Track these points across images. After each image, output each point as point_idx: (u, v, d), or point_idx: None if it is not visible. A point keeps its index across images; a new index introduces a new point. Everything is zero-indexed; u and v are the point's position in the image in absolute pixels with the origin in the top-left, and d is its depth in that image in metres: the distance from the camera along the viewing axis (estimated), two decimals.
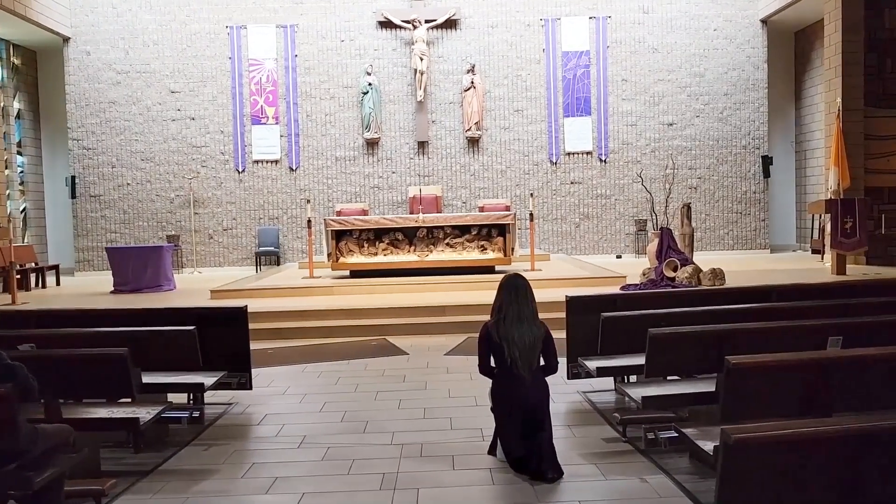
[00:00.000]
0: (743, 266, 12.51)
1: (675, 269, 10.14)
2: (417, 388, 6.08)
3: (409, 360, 7.27)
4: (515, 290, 4.17)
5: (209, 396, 5.69)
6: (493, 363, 4.20)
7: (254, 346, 8.07)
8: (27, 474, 2.79)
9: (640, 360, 4.61)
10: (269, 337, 8.64)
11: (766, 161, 15.51)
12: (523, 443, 4.03)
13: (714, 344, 3.95)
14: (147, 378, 4.83)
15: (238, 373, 5.40)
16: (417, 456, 4.36)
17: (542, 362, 4.20)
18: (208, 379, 4.85)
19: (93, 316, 5.51)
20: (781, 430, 1.97)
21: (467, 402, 5.54)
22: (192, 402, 5.30)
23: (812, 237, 14.95)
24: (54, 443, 3.07)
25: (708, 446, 2.99)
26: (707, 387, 3.95)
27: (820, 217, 13.59)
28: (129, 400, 4.46)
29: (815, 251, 14.37)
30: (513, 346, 4.08)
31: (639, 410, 4.28)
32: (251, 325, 8.79)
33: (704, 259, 12.30)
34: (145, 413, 3.91)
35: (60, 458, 3.09)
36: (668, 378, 4.52)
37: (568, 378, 5.58)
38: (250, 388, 5.51)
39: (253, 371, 6.82)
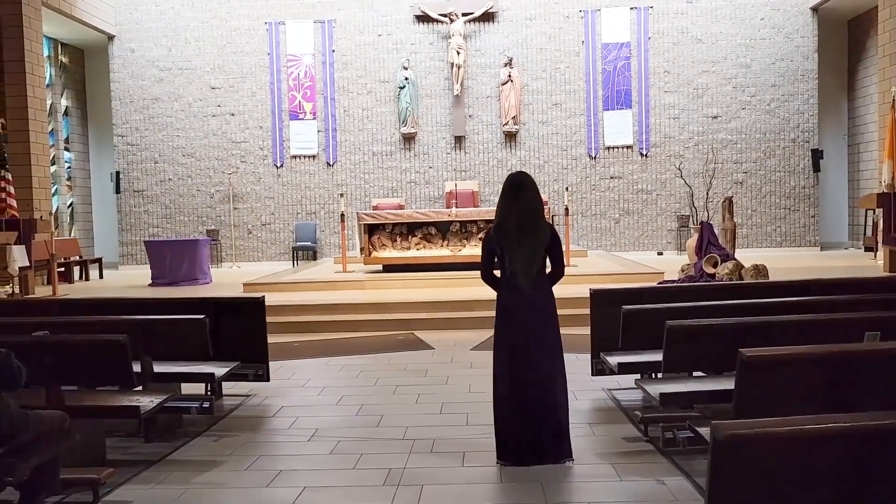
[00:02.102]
0: (790, 263, 12.03)
1: (715, 265, 9.77)
2: (438, 382, 5.95)
3: (433, 354, 7.13)
4: (515, 192, 3.86)
5: (228, 388, 5.66)
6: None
7: (281, 338, 8.12)
8: (10, 460, 2.75)
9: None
10: (298, 330, 8.64)
11: (816, 155, 14.92)
12: (522, 377, 3.83)
13: (740, 338, 3.71)
14: (161, 367, 4.82)
15: (255, 364, 5.34)
16: (428, 452, 4.22)
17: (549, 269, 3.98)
18: (220, 369, 4.79)
19: (111, 305, 5.51)
20: (780, 427, 1.77)
21: (487, 398, 5.32)
22: (209, 392, 5.26)
23: (865, 234, 14.32)
24: (46, 430, 3.03)
25: None
26: (731, 384, 3.70)
27: (873, 212, 12.99)
28: (139, 388, 4.44)
29: (867, 248, 13.76)
30: (514, 258, 3.84)
31: (661, 408, 4.05)
32: (280, 319, 8.92)
33: (750, 256, 11.87)
34: (148, 402, 3.86)
35: (52, 445, 3.04)
36: (694, 375, 4.28)
37: (592, 374, 5.38)
38: (267, 379, 5.45)
39: (276, 363, 6.81)
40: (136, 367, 4.49)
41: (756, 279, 9.57)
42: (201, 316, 4.58)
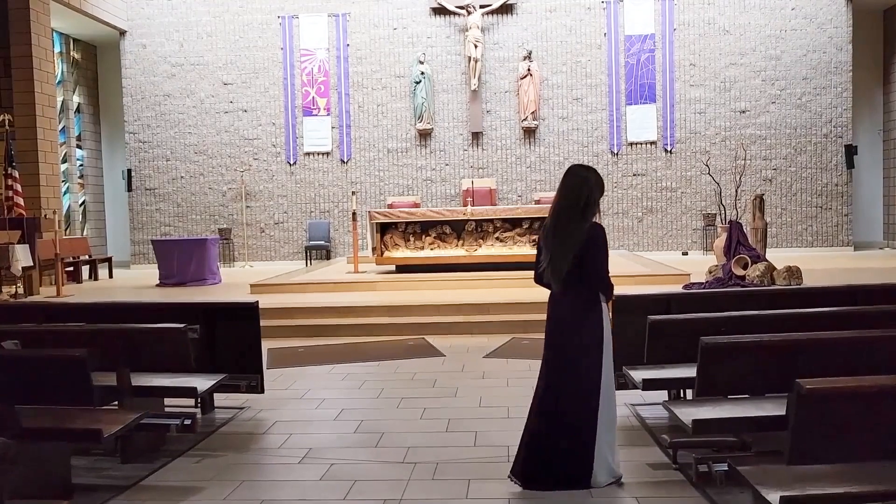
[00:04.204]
0: (823, 264, 11.45)
1: (745, 267, 9.25)
2: (447, 395, 5.51)
3: (444, 362, 6.70)
4: (563, 181, 3.61)
5: (221, 398, 5.28)
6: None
7: (287, 342, 7.75)
8: None
9: (694, 371, 3.93)
10: (306, 334, 8.26)
11: (850, 151, 14.27)
12: (546, 394, 3.57)
13: (785, 356, 3.23)
14: (145, 380, 4.44)
15: (247, 374, 4.94)
16: (429, 478, 3.79)
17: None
18: (204, 382, 4.39)
19: (98, 310, 5.15)
20: None
21: (498, 414, 4.93)
22: (198, 405, 4.89)
23: None
24: None
25: (773, 497, 2.29)
26: (775, 409, 3.24)
27: None
28: (115, 405, 4.07)
29: None
30: (545, 253, 3.56)
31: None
32: (288, 322, 8.53)
33: (780, 256, 11.30)
34: (118, 424, 3.47)
35: None
36: (729, 396, 3.80)
37: (615, 389, 4.90)
38: (261, 391, 5.05)
39: (277, 371, 6.43)
40: (113, 381, 4.13)
41: (789, 281, 9.03)
42: (181, 325, 4.19)
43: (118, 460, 4.08)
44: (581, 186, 3.54)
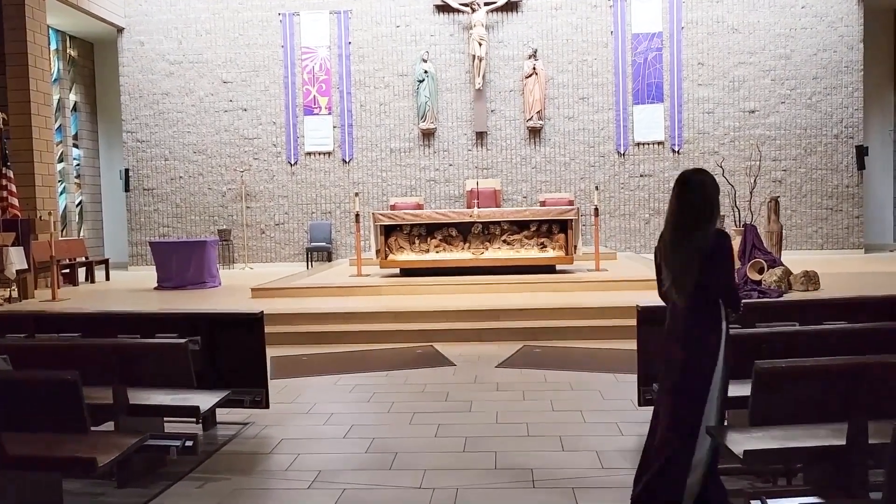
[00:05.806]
0: (835, 268, 11.20)
1: (760, 272, 9.00)
2: (461, 409, 5.24)
3: (455, 372, 6.43)
4: (679, 190, 3.23)
5: (224, 413, 5.01)
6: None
7: (289, 351, 7.47)
8: None
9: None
10: (309, 341, 7.98)
11: (861, 151, 14.02)
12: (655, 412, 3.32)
13: (848, 382, 2.94)
14: (143, 396, 4.17)
15: (252, 389, 4.68)
16: None
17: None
18: (207, 400, 4.12)
19: (93, 320, 4.88)
20: None
21: (517, 431, 4.67)
22: (199, 422, 4.62)
23: None
24: None
25: None
26: (830, 437, 2.97)
27: None
28: (112, 428, 3.79)
29: None
30: (667, 267, 3.25)
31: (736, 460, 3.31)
32: (290, 329, 8.26)
33: (790, 259, 11.03)
34: (115, 450, 3.19)
35: None
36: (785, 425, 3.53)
37: (640, 404, 4.67)
38: (266, 406, 4.78)
39: (281, 382, 6.16)
40: (108, 397, 3.86)
41: (807, 286, 8.79)
42: (182, 339, 3.92)
43: (114, 484, 3.81)
44: (701, 191, 3.20)
